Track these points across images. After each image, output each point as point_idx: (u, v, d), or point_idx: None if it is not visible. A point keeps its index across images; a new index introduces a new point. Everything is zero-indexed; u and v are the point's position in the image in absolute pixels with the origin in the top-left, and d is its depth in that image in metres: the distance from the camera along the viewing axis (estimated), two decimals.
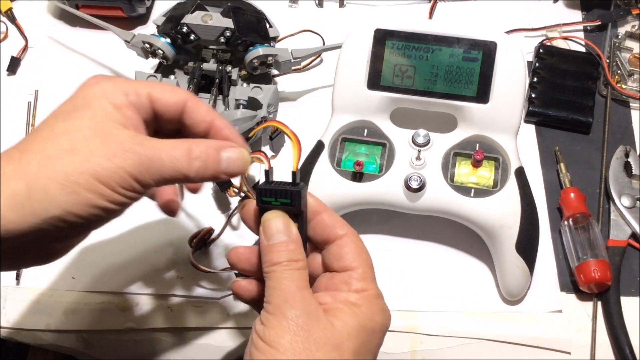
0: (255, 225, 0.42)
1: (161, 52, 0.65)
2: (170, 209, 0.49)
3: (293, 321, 0.37)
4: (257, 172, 0.62)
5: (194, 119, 0.42)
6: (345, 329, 0.38)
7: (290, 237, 0.40)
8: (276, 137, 0.65)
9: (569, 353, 0.57)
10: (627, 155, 0.66)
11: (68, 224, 0.36)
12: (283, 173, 0.43)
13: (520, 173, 0.58)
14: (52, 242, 0.39)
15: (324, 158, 0.59)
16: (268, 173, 0.42)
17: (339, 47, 0.62)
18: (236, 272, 0.53)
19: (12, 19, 0.77)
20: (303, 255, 0.40)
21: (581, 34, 0.76)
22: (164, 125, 0.43)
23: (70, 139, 0.37)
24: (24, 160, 0.36)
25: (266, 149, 0.67)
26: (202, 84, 0.67)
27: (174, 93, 0.42)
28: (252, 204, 0.43)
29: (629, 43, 0.73)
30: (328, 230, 0.42)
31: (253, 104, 0.64)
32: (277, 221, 0.41)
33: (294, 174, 0.42)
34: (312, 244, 0.44)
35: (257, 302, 0.44)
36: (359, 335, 0.38)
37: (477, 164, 0.59)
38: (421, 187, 0.57)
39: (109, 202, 0.37)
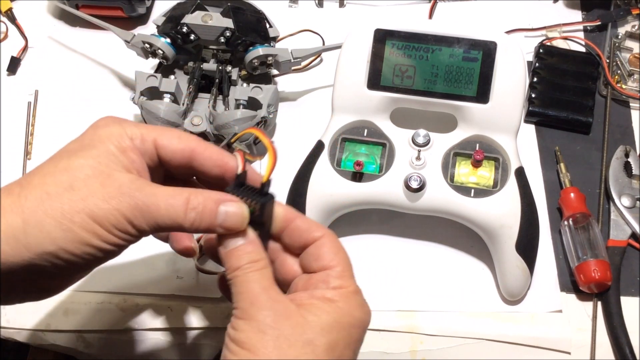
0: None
1: (161, 52, 0.65)
2: (186, 255, 0.49)
3: (262, 321, 0.37)
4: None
5: (205, 166, 0.42)
6: (319, 324, 0.38)
7: (247, 240, 0.40)
8: (259, 142, 0.65)
9: (569, 353, 0.57)
10: (627, 155, 0.66)
11: (62, 260, 0.37)
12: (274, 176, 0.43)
13: (520, 173, 0.58)
14: (46, 278, 0.39)
15: (324, 158, 0.59)
16: (238, 177, 0.41)
17: (339, 47, 0.62)
18: None
19: (12, 19, 0.77)
20: (263, 255, 0.40)
21: (581, 34, 0.76)
22: (174, 171, 0.43)
23: (70, 176, 0.38)
24: (23, 195, 0.37)
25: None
26: (202, 84, 0.67)
27: (180, 140, 0.42)
28: None
29: (629, 43, 0.73)
30: (305, 235, 0.42)
31: (253, 104, 0.64)
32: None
33: (263, 185, 0.41)
34: (290, 251, 0.43)
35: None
36: (332, 330, 0.38)
37: (477, 164, 0.59)
38: (421, 187, 0.57)
39: (103, 242, 0.37)
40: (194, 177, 0.45)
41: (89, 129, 0.41)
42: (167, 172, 0.44)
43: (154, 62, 0.69)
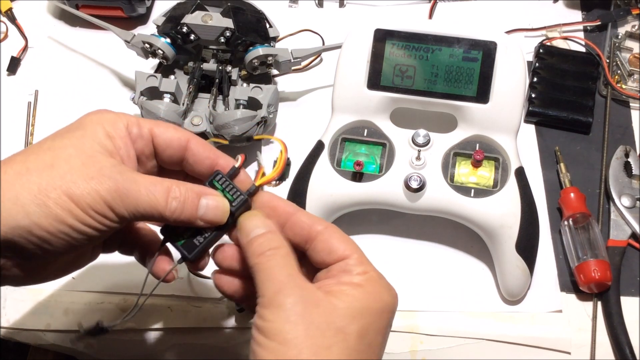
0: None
1: (161, 52, 0.65)
2: (165, 280, 0.47)
3: (291, 310, 0.36)
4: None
5: (198, 156, 0.42)
6: (349, 311, 0.37)
7: (268, 229, 0.40)
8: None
9: (569, 353, 0.57)
10: (627, 155, 0.66)
11: (37, 237, 0.36)
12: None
13: (520, 173, 0.59)
14: (23, 259, 0.39)
15: (324, 158, 0.59)
16: (234, 169, 0.42)
17: (339, 47, 0.62)
18: None
19: (12, 19, 0.77)
20: (285, 243, 0.40)
21: (581, 34, 0.76)
22: (166, 161, 0.43)
23: (53, 155, 0.38)
24: (3, 170, 0.37)
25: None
26: (202, 84, 0.67)
27: (177, 131, 0.42)
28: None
29: (629, 43, 0.73)
30: (307, 228, 0.42)
31: (253, 104, 0.64)
32: (252, 219, 0.41)
33: (252, 188, 0.42)
34: (295, 246, 0.43)
35: (242, 299, 0.44)
36: (363, 316, 0.37)
37: (477, 164, 0.59)
38: (421, 187, 0.57)
39: (78, 222, 0.37)
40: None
41: (82, 116, 0.41)
42: (160, 166, 0.44)
43: (154, 62, 0.69)
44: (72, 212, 0.36)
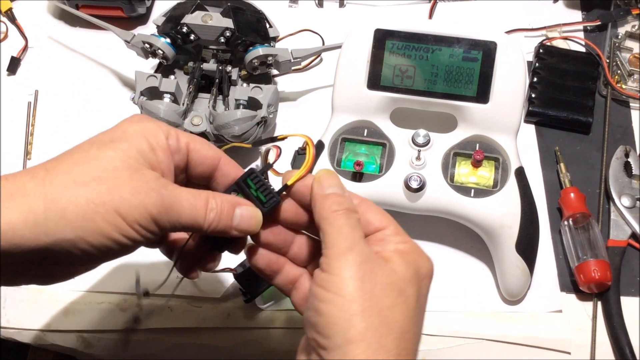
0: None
1: (161, 52, 0.65)
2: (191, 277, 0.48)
3: (359, 267, 0.37)
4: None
5: (227, 177, 0.43)
6: (407, 274, 0.38)
7: (344, 192, 0.41)
8: (303, 154, 0.63)
9: (569, 353, 0.57)
10: (627, 155, 0.66)
11: (78, 250, 0.37)
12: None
13: (520, 173, 0.59)
14: (57, 264, 0.39)
15: (324, 158, 0.59)
16: (268, 165, 0.43)
17: (339, 47, 0.62)
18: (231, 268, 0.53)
19: (12, 19, 0.77)
20: (357, 210, 0.40)
21: (581, 34, 0.76)
22: (193, 179, 0.44)
23: (99, 167, 0.37)
24: (48, 180, 0.37)
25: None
26: (202, 84, 0.67)
27: (210, 148, 0.43)
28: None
29: (629, 43, 0.73)
30: None
31: (253, 104, 0.64)
32: (331, 178, 0.41)
33: (289, 186, 0.42)
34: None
35: (273, 274, 0.44)
36: (417, 280, 0.39)
37: (477, 164, 0.59)
38: (421, 187, 0.57)
39: (123, 237, 0.37)
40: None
41: (122, 121, 0.41)
42: (187, 180, 0.44)
43: (154, 62, 0.69)
44: (119, 227, 0.37)
